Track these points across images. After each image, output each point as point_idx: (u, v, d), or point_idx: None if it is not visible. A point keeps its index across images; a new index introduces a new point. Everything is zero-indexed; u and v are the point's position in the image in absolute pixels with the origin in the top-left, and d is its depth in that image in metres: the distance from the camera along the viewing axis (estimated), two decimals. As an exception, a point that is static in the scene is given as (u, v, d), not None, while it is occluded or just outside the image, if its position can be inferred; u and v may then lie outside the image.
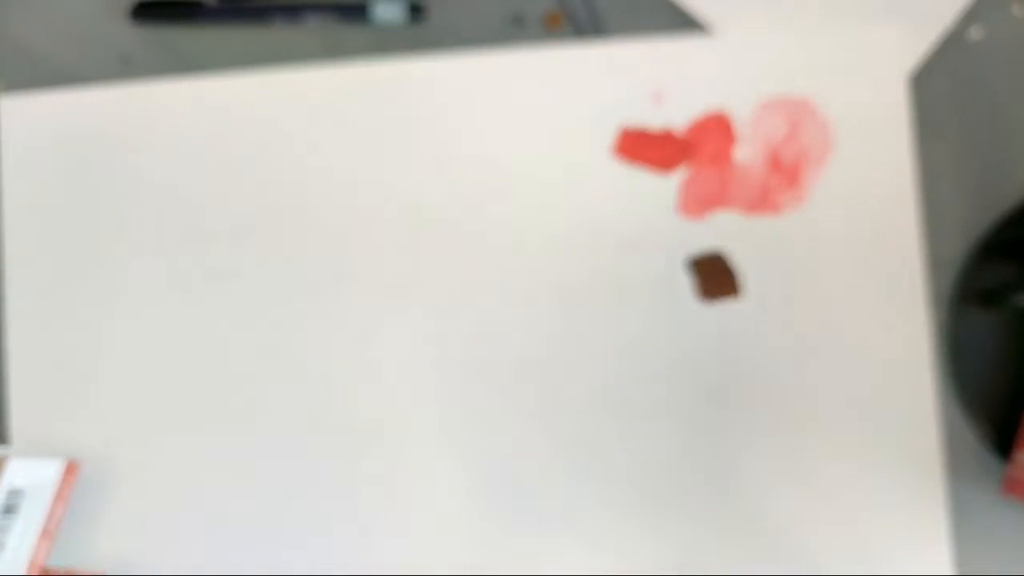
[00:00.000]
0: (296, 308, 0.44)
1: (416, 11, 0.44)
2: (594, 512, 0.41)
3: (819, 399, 0.41)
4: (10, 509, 0.41)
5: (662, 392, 0.42)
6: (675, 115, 0.43)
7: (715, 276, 0.42)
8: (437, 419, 0.43)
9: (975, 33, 0.42)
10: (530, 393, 0.42)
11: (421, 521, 0.42)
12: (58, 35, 0.46)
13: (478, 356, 0.43)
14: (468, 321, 0.43)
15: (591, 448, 0.42)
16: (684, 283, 0.42)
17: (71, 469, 0.42)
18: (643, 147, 0.43)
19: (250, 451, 0.43)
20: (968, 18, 0.42)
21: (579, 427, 0.42)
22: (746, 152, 0.43)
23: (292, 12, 0.44)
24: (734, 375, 0.41)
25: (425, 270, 0.43)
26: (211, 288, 0.44)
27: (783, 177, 0.42)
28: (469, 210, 0.43)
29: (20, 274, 0.45)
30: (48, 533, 0.41)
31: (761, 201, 0.42)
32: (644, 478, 0.41)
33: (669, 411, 0.42)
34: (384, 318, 0.43)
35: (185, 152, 0.45)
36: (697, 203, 0.43)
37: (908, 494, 0.40)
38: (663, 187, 0.43)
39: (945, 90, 0.42)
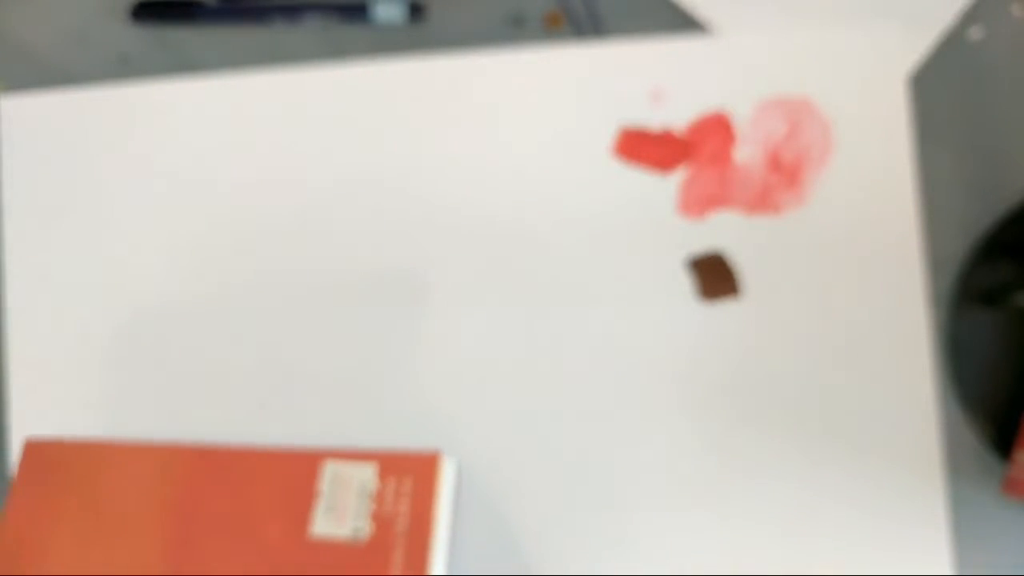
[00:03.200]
0: (293, 310, 0.44)
1: (416, 11, 0.44)
2: (588, 510, 0.41)
3: (819, 399, 0.41)
4: None
5: (661, 392, 0.42)
6: (675, 115, 0.43)
7: (715, 276, 0.42)
8: (437, 416, 0.43)
9: (975, 33, 0.42)
10: (528, 391, 0.42)
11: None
12: (58, 35, 0.46)
13: (475, 355, 0.43)
14: (466, 320, 0.43)
15: (587, 445, 0.42)
16: (684, 283, 0.42)
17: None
18: (643, 147, 0.43)
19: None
20: (968, 18, 0.42)
21: (577, 425, 0.42)
22: (746, 152, 0.43)
23: (292, 12, 0.44)
24: (734, 375, 0.41)
25: (424, 269, 0.43)
26: (211, 287, 0.44)
27: (783, 177, 0.42)
28: (468, 210, 0.43)
29: (20, 273, 0.45)
30: None
31: (761, 201, 0.42)
32: (640, 477, 0.41)
33: (668, 411, 0.41)
34: (382, 317, 0.43)
35: (185, 152, 0.45)
36: (697, 203, 0.43)
37: (908, 494, 0.40)
38: (663, 187, 0.43)
39: (945, 90, 0.42)
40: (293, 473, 0.39)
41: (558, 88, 0.43)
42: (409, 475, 0.38)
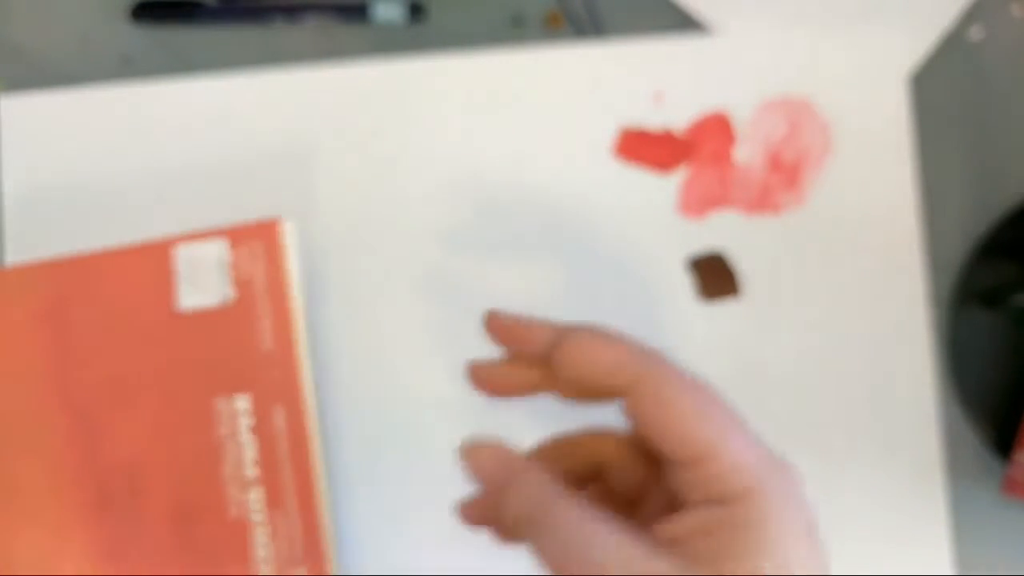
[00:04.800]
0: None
1: (416, 11, 0.44)
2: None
3: (819, 399, 0.41)
4: None
5: (662, 392, 0.42)
6: (675, 115, 0.43)
7: (715, 276, 0.42)
8: (442, 416, 0.43)
9: (975, 33, 0.42)
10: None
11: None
12: (58, 35, 0.46)
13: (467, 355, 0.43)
14: (465, 319, 0.43)
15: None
16: (684, 283, 0.42)
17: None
18: (643, 147, 0.43)
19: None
20: (968, 18, 0.42)
21: (575, 426, 0.42)
22: (746, 152, 0.43)
23: (292, 12, 0.45)
24: (734, 375, 0.41)
25: (423, 270, 0.43)
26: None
27: (783, 177, 0.42)
28: (467, 210, 0.43)
29: (20, 274, 0.45)
30: None
31: (761, 201, 0.42)
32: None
33: (669, 411, 0.42)
34: (379, 318, 0.43)
35: (185, 152, 0.45)
36: (697, 203, 0.43)
37: (908, 494, 0.40)
38: (663, 187, 0.43)
39: (945, 90, 0.42)
40: (149, 262, 0.41)
41: (558, 88, 0.43)
42: (257, 239, 0.41)
